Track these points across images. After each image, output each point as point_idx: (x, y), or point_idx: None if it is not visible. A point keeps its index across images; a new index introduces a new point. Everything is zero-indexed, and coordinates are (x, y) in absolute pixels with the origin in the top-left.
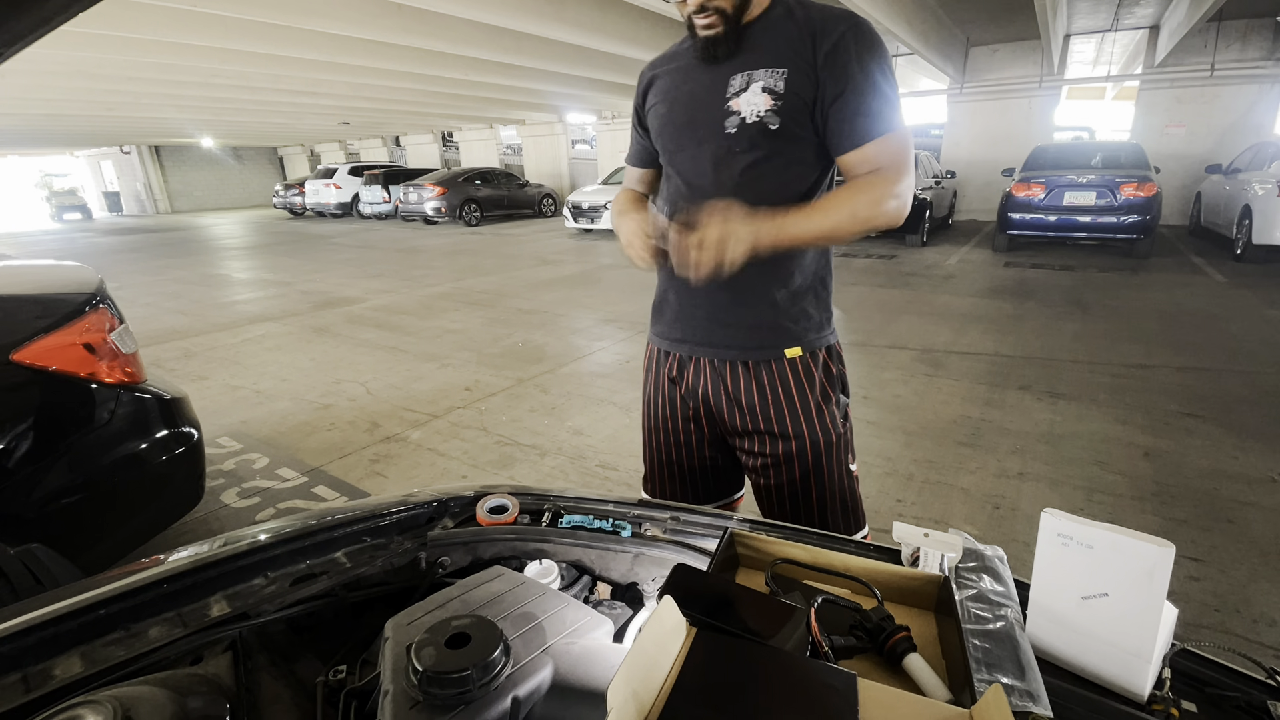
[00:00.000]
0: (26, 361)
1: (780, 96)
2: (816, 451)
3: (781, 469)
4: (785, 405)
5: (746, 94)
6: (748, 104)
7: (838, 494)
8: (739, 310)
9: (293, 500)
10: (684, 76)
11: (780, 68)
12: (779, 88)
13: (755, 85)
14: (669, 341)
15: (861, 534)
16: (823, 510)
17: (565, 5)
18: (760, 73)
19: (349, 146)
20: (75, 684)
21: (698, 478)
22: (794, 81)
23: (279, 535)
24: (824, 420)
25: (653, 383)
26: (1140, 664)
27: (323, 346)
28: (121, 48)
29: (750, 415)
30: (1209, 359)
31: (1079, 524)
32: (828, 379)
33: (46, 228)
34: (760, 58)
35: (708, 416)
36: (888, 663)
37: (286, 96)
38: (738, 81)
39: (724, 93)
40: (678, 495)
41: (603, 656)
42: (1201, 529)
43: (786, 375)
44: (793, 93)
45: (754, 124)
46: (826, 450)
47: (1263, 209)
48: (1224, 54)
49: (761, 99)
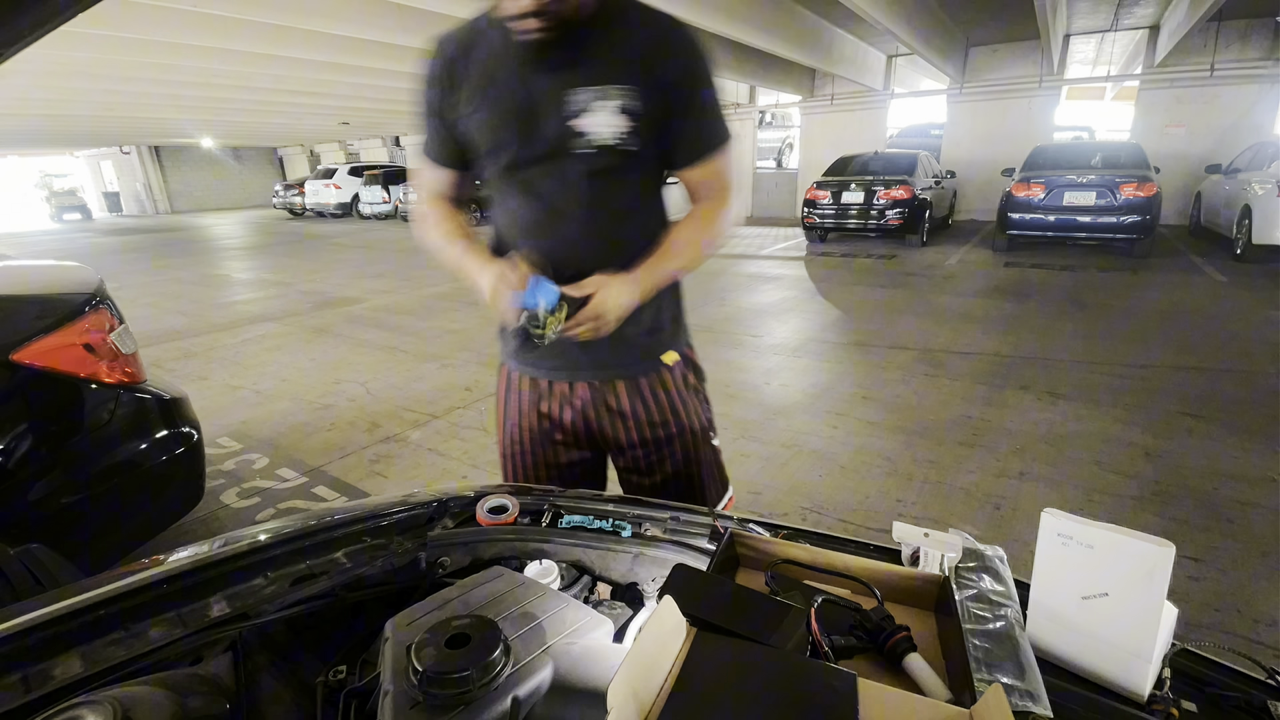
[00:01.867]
0: (26, 361)
1: (637, 117)
2: (692, 441)
3: (664, 465)
4: (669, 408)
5: (595, 115)
6: (599, 125)
7: (711, 472)
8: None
9: (293, 500)
10: (507, 80)
11: (630, 84)
12: (626, 105)
13: (605, 105)
14: (544, 370)
15: (728, 496)
16: (699, 490)
17: None
18: (609, 89)
19: (349, 146)
20: (75, 684)
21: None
22: (646, 99)
23: (279, 535)
24: (694, 411)
25: (515, 410)
26: (1140, 664)
27: (323, 347)
28: (121, 48)
29: (637, 425)
30: (1209, 359)
31: (1079, 524)
32: (694, 372)
33: (46, 228)
34: (605, 71)
35: (585, 435)
36: (888, 663)
37: (286, 96)
38: (581, 98)
39: (562, 109)
40: None
41: (603, 656)
42: (1201, 529)
43: (665, 380)
44: (646, 113)
45: (603, 147)
46: (695, 437)
47: (1262, 209)
48: (1224, 54)
49: (617, 120)
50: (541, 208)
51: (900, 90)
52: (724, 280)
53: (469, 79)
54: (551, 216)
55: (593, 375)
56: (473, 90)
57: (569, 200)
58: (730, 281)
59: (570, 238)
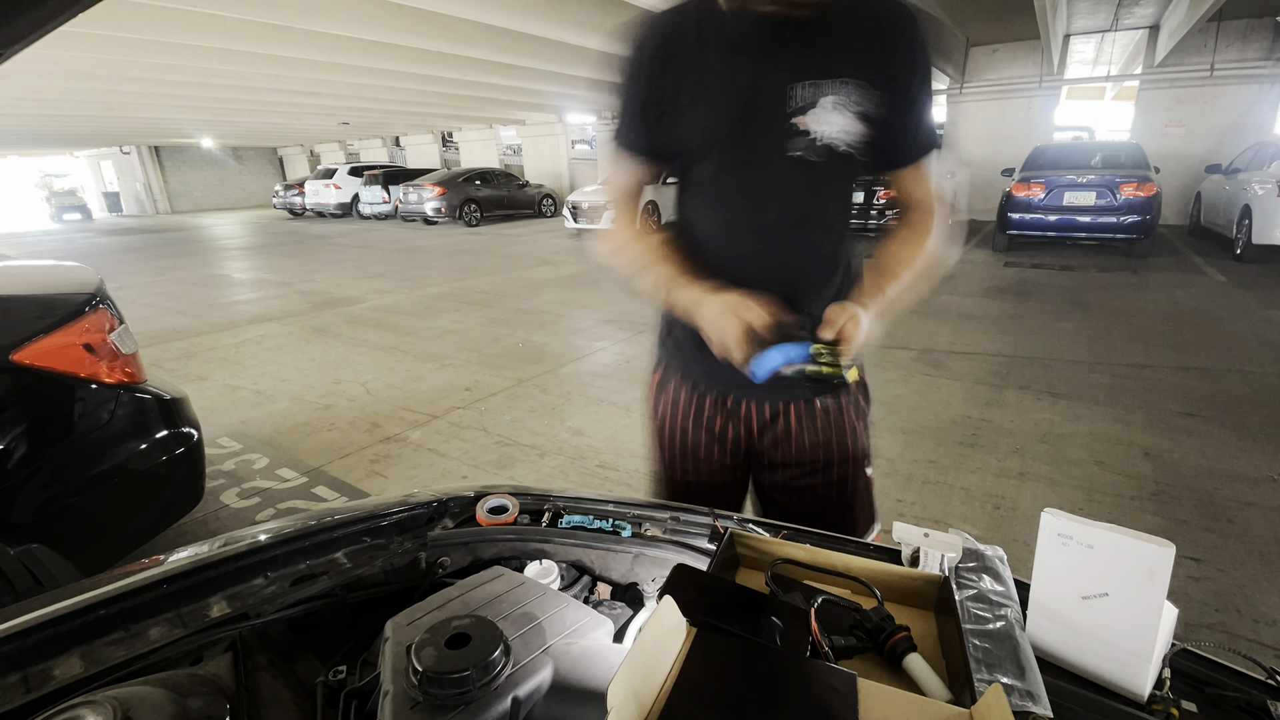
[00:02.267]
0: (26, 362)
1: (855, 114)
2: (851, 468)
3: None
4: (834, 430)
5: (819, 111)
6: (822, 124)
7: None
8: None
9: (293, 500)
10: (725, 70)
11: (854, 79)
12: (853, 102)
13: (825, 100)
14: (720, 385)
15: (876, 529)
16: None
17: (565, 5)
18: (830, 83)
19: (349, 146)
20: (75, 684)
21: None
22: (870, 95)
23: (279, 535)
24: (859, 436)
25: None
26: (1140, 664)
27: (323, 347)
28: (121, 48)
29: (798, 447)
30: (1209, 359)
31: (1079, 524)
32: (865, 396)
33: (46, 228)
34: (827, 62)
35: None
36: (888, 663)
37: (286, 96)
38: (802, 92)
39: (784, 103)
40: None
41: (603, 656)
42: (1201, 529)
43: (842, 401)
44: (867, 107)
45: (825, 147)
46: (855, 464)
47: (1262, 209)
48: (1224, 54)
49: (834, 117)
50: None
51: None
52: None
53: (680, 68)
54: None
55: (774, 395)
56: (685, 81)
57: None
58: None
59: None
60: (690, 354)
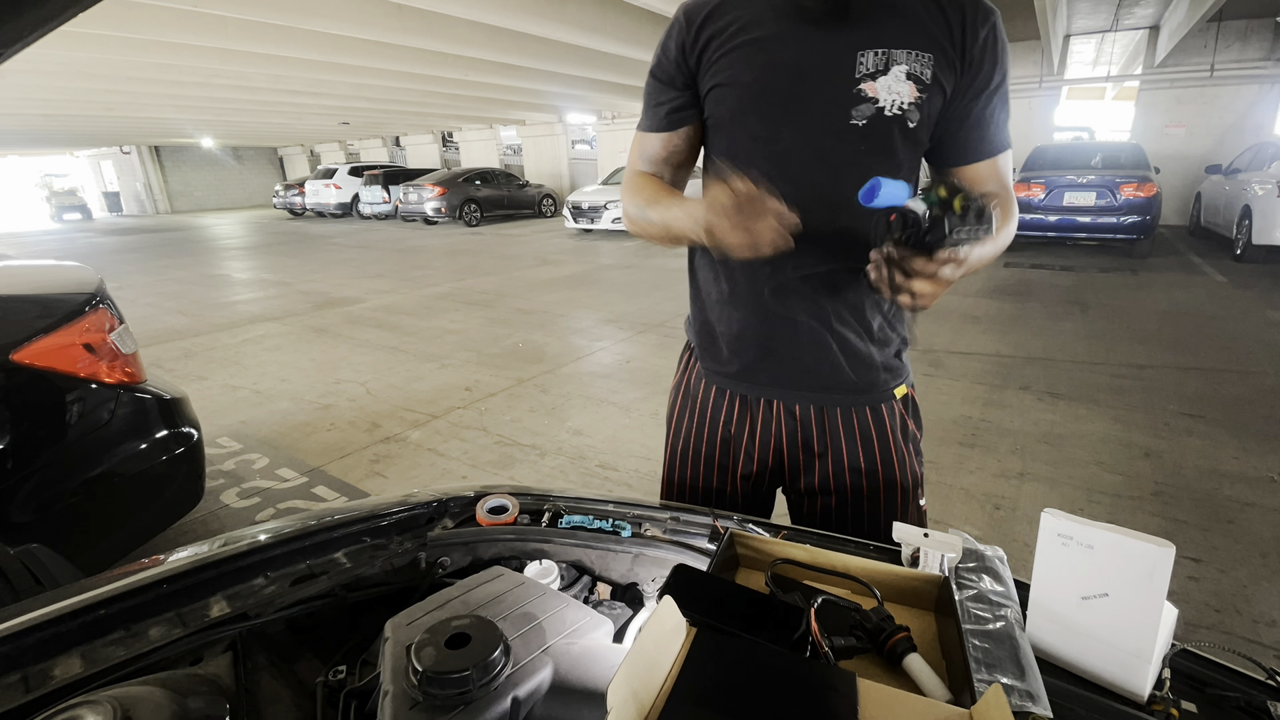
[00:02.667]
0: (26, 361)
1: (926, 88)
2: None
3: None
4: (878, 455)
5: (886, 78)
6: (888, 91)
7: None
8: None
9: (293, 500)
10: (780, 34)
11: (926, 51)
12: (925, 76)
13: (897, 68)
14: (745, 384)
15: None
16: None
17: (565, 5)
18: (902, 53)
19: (349, 146)
20: (75, 684)
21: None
22: (939, 71)
23: (279, 535)
24: (908, 463)
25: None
26: (1140, 664)
27: (322, 347)
28: (121, 48)
29: (835, 469)
30: (1209, 359)
31: (1079, 524)
32: (915, 418)
33: (46, 228)
34: (899, 32)
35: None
36: (888, 663)
37: (286, 96)
38: (871, 59)
39: (852, 70)
40: None
41: (603, 656)
42: (1201, 529)
43: (885, 420)
44: (937, 84)
45: (892, 118)
46: (904, 495)
47: (1263, 209)
48: (1224, 54)
49: (905, 87)
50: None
51: None
52: None
53: (734, 36)
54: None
55: (809, 397)
56: (738, 48)
57: (827, 186)
58: None
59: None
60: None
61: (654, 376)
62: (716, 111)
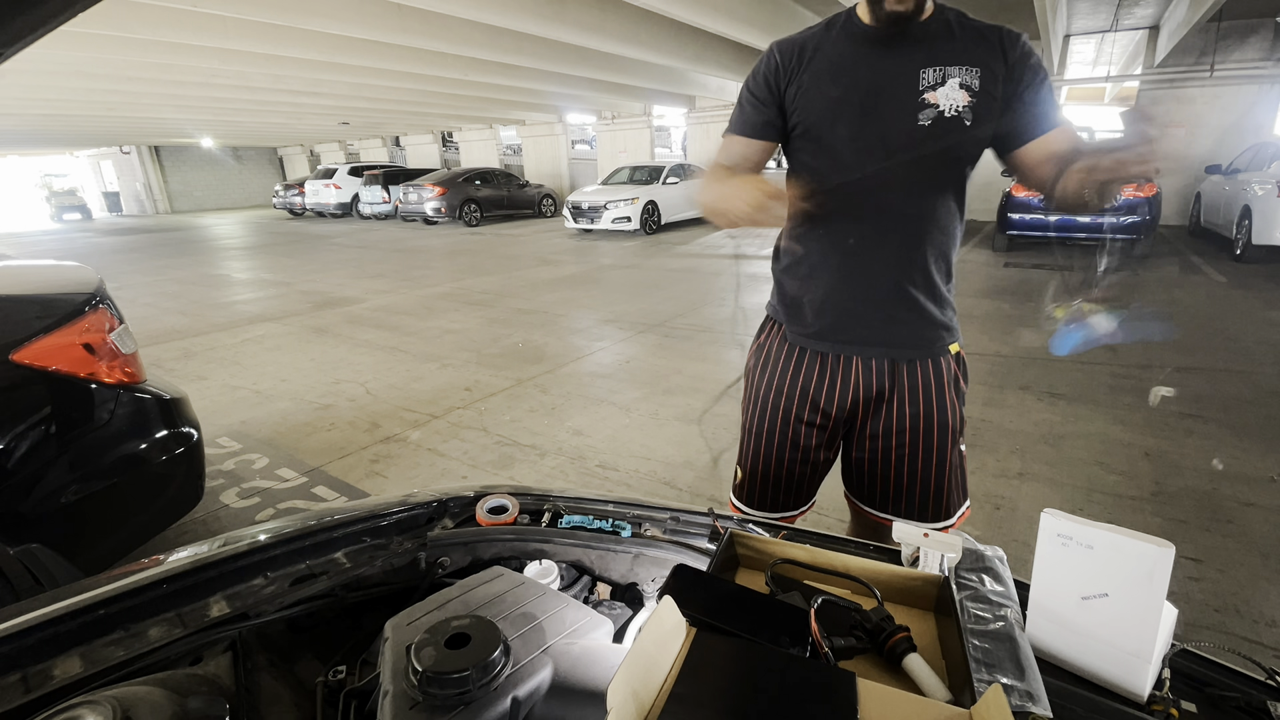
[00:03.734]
0: (26, 361)
1: (976, 94)
2: (948, 440)
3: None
4: (935, 402)
5: (944, 89)
6: (946, 98)
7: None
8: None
9: (292, 500)
10: (857, 61)
11: (974, 66)
12: (975, 85)
13: (952, 81)
14: (828, 343)
15: (966, 506)
16: (945, 492)
17: (565, 5)
18: (954, 69)
19: (349, 146)
20: (75, 684)
21: (803, 485)
22: (986, 80)
23: (279, 535)
24: (955, 410)
25: (776, 384)
26: (1140, 664)
27: (322, 347)
28: (121, 48)
29: (899, 414)
30: (1209, 359)
31: (1079, 524)
32: (963, 374)
33: (46, 228)
34: (950, 54)
35: (845, 420)
36: (888, 663)
37: (286, 96)
38: (931, 75)
39: (916, 84)
40: (778, 504)
41: (602, 656)
42: (1201, 529)
43: (944, 374)
44: (986, 91)
45: (951, 119)
46: (950, 436)
47: (1262, 209)
48: (1224, 54)
49: (959, 95)
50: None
51: None
52: (725, 280)
53: (812, 66)
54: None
55: (881, 353)
56: (822, 73)
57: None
58: (731, 282)
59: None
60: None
61: (654, 376)
62: (806, 119)
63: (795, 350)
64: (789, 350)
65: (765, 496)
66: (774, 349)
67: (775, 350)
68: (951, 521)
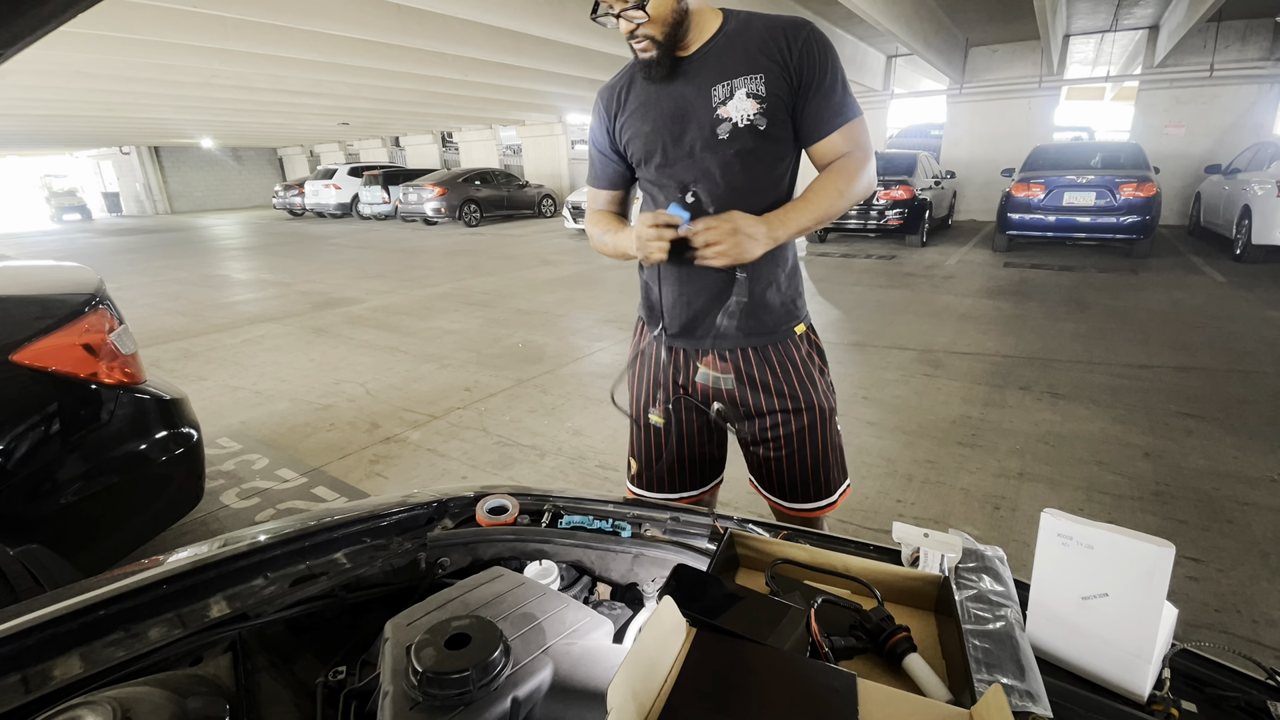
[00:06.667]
0: (26, 362)
1: (763, 99)
2: (818, 418)
3: (792, 439)
4: (796, 379)
5: (734, 101)
6: (736, 110)
7: (834, 453)
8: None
9: (292, 501)
10: (659, 95)
11: (756, 73)
12: (761, 91)
13: (739, 92)
14: (679, 340)
15: (846, 484)
16: (822, 470)
17: (565, 5)
18: (739, 80)
19: (348, 147)
20: (75, 684)
21: (695, 467)
22: (771, 83)
23: (279, 536)
24: (821, 389)
25: (650, 380)
26: (1140, 664)
27: (322, 347)
28: (121, 48)
29: (765, 394)
30: (1209, 359)
31: (1079, 524)
32: (819, 352)
33: (46, 228)
34: (734, 67)
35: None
36: (888, 663)
37: (286, 97)
38: (720, 91)
39: (710, 103)
40: (674, 487)
41: (603, 657)
42: (1201, 529)
43: (793, 351)
44: (773, 93)
45: (745, 127)
46: (824, 417)
47: (1262, 209)
48: (1223, 54)
49: (748, 104)
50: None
51: (900, 90)
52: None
53: (632, 105)
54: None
55: (726, 344)
56: (636, 113)
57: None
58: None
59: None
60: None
61: None
62: (635, 155)
63: (663, 350)
64: (658, 350)
65: (659, 483)
66: (648, 351)
67: (648, 351)
68: (833, 499)
